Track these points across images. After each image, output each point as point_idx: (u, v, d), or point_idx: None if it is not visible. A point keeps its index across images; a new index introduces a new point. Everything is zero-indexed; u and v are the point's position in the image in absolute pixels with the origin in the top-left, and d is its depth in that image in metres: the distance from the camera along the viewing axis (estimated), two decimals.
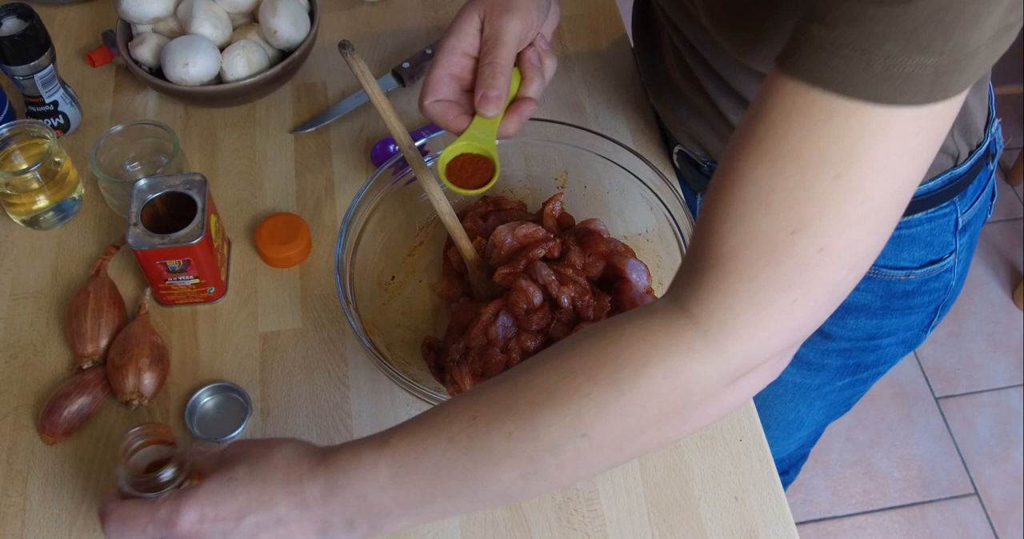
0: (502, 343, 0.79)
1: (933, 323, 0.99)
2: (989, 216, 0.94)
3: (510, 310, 0.80)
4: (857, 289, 0.90)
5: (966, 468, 1.93)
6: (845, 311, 0.94)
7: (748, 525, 0.79)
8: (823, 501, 1.89)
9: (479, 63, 0.73)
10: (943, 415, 2.01)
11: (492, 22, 0.72)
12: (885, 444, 1.96)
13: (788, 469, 1.51)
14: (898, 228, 0.80)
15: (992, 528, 1.85)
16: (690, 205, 1.01)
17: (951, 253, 0.90)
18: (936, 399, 2.03)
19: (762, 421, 1.16)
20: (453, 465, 0.55)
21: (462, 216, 0.88)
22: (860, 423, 1.99)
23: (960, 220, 0.88)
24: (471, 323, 0.80)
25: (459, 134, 0.75)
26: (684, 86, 0.85)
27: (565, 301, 0.80)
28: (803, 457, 1.51)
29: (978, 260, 2.21)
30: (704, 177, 0.93)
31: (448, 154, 0.76)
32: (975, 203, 0.89)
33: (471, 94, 0.74)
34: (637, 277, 0.83)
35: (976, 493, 1.90)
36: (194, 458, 0.64)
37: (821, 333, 0.98)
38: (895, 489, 1.90)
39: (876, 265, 0.89)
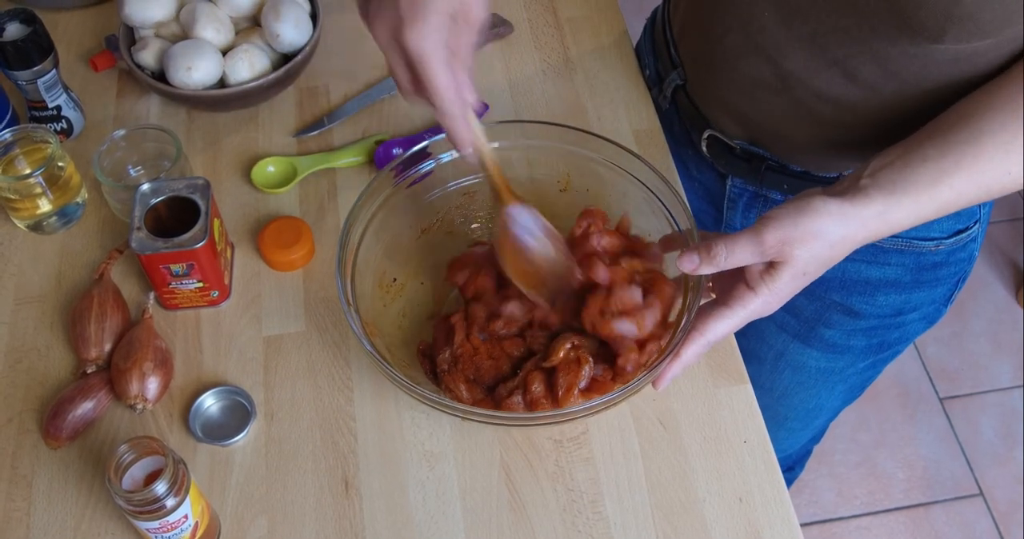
0: (487, 348, 0.79)
1: (953, 296, 1.01)
2: None
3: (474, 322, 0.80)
4: (888, 263, 0.93)
5: (971, 469, 1.93)
6: (875, 288, 0.96)
7: (752, 527, 0.79)
8: (828, 502, 1.88)
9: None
10: (947, 416, 2.00)
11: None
12: (889, 445, 1.96)
13: (794, 465, 1.52)
14: None
15: (997, 529, 1.85)
16: (714, 195, 1.02)
17: (975, 222, 0.92)
18: (940, 399, 2.03)
19: (781, 413, 1.19)
20: None
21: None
22: (864, 424, 1.99)
23: None
24: (452, 332, 0.80)
25: None
26: (744, 58, 0.84)
27: None
28: (808, 453, 1.51)
29: (981, 260, 2.21)
30: (738, 160, 0.93)
31: None
32: None
33: None
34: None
35: (981, 494, 1.89)
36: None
37: (849, 312, 0.99)
38: (900, 490, 1.90)
39: (908, 237, 0.91)
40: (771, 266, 0.70)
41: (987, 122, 0.69)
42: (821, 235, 0.68)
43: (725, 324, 0.73)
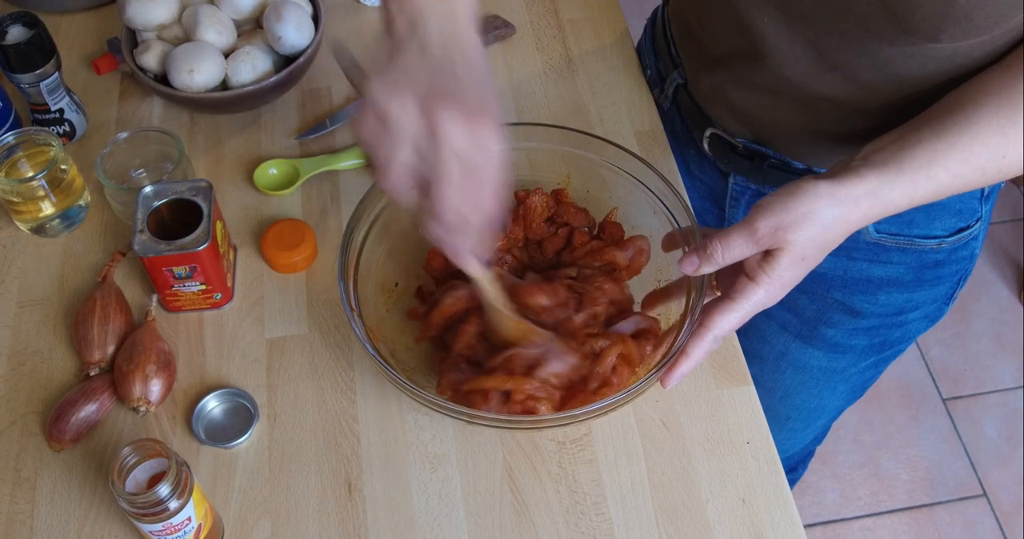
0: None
1: (955, 294, 1.01)
2: (1003, 184, 0.96)
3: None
4: (890, 262, 0.93)
5: (974, 469, 1.93)
6: (877, 287, 0.96)
7: (756, 528, 0.79)
8: (831, 503, 1.88)
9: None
10: (950, 416, 2.00)
11: None
12: (893, 445, 1.96)
13: (796, 465, 1.52)
14: None
15: (1001, 529, 1.85)
16: (716, 194, 1.02)
17: (977, 220, 0.93)
18: (943, 400, 2.02)
19: (783, 413, 1.19)
20: None
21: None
22: (867, 425, 1.99)
23: (985, 187, 0.90)
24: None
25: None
26: (746, 60, 0.84)
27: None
28: (810, 454, 1.51)
29: (984, 261, 2.20)
30: (740, 157, 0.93)
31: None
32: None
33: None
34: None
35: (984, 494, 1.89)
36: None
37: (851, 312, 0.99)
38: (903, 491, 1.90)
39: (910, 235, 0.91)
40: (768, 254, 0.71)
41: (983, 106, 0.69)
42: (813, 217, 0.68)
43: (730, 318, 0.73)
